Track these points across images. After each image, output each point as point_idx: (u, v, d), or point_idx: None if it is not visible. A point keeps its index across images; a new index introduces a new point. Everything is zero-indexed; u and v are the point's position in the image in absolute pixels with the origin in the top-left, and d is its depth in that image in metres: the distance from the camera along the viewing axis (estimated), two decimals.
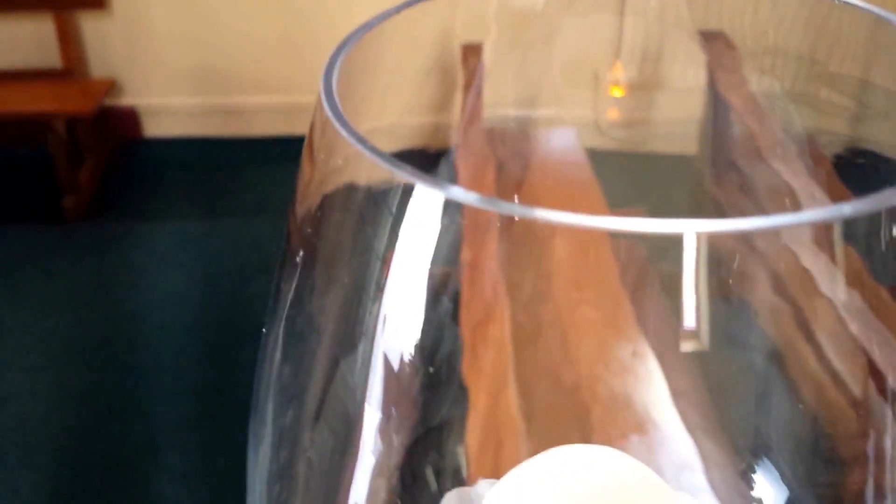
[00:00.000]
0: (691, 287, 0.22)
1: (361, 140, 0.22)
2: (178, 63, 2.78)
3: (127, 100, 2.81)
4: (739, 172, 0.35)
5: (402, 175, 0.21)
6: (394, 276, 0.25)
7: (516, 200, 0.37)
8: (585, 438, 0.36)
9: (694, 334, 0.25)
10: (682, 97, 0.38)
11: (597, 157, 0.37)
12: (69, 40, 2.71)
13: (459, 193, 0.21)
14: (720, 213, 0.35)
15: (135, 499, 1.64)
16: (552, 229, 0.24)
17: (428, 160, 0.37)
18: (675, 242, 0.21)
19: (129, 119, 2.82)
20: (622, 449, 0.32)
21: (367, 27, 0.28)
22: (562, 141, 0.39)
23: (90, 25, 2.76)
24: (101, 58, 2.78)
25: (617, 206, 0.37)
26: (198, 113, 2.79)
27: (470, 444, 0.37)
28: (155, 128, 2.85)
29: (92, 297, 2.18)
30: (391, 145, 0.34)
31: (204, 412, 1.78)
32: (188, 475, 1.68)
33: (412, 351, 0.27)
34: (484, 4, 0.35)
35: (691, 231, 0.20)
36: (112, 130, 2.77)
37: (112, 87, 2.73)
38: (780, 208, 0.32)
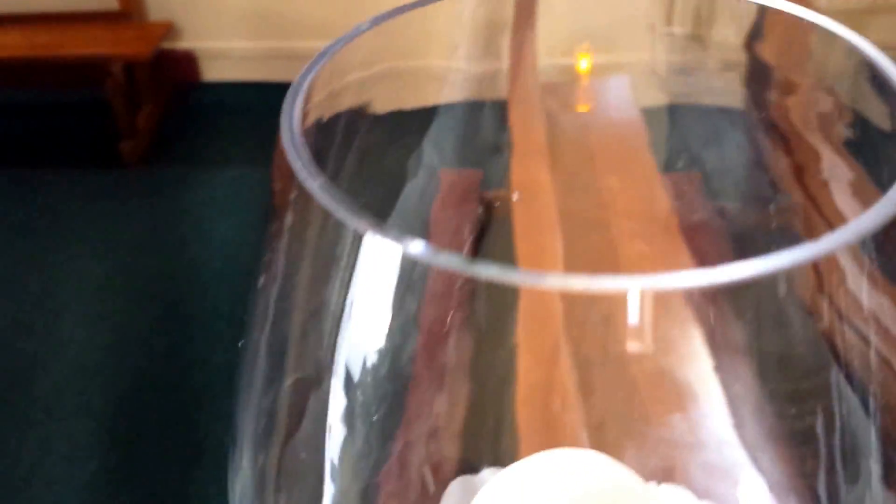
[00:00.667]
0: None
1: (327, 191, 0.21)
2: (235, 6, 2.77)
3: (184, 43, 2.81)
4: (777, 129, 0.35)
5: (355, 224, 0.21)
6: None
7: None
8: (631, 413, 0.36)
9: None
10: (732, 52, 0.37)
11: (649, 112, 0.38)
12: None
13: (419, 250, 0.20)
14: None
15: (193, 445, 1.66)
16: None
17: (479, 112, 0.37)
18: None
19: (186, 63, 2.82)
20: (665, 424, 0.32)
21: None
22: (614, 92, 0.39)
23: None
24: (158, 0, 2.79)
25: (667, 165, 0.38)
26: (256, 57, 2.79)
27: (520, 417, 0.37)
28: (212, 72, 2.85)
29: (148, 243, 2.19)
30: (445, 95, 0.35)
31: None
32: None
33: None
34: None
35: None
36: (169, 74, 2.78)
37: (169, 29, 2.74)
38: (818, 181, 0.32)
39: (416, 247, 0.20)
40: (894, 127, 0.28)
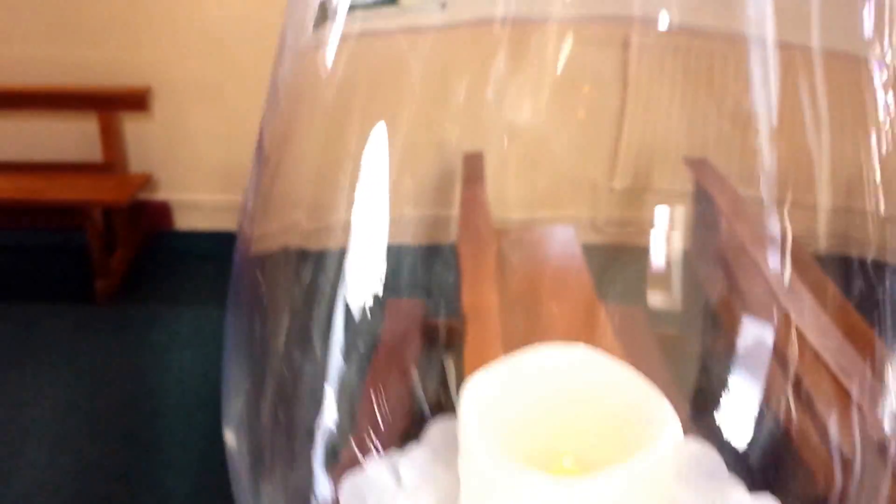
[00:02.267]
0: None
1: None
2: (209, 162, 2.81)
3: (160, 194, 2.84)
4: (728, 268, 0.36)
5: None
6: None
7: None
8: None
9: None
10: (672, 199, 0.38)
11: (592, 252, 0.38)
12: (111, 138, 2.75)
13: None
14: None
15: None
16: None
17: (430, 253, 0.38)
18: None
19: (161, 212, 2.84)
20: None
21: None
22: (560, 236, 0.40)
23: (131, 125, 2.80)
24: (139, 155, 2.82)
25: (609, 299, 0.38)
26: (224, 209, 2.82)
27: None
28: (184, 221, 2.87)
29: (113, 373, 2.17)
30: (395, 237, 0.35)
31: (213, 487, 1.76)
32: None
33: None
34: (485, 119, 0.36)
35: None
36: (145, 221, 2.79)
37: (148, 181, 2.77)
38: (764, 308, 0.33)
39: None
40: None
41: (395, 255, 0.34)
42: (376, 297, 0.33)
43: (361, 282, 0.32)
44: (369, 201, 0.32)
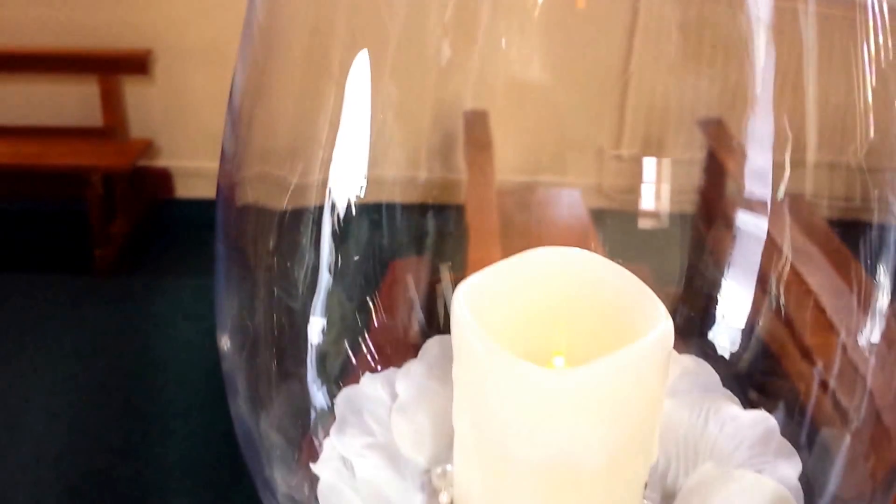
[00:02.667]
0: None
1: None
2: (211, 130, 2.78)
3: (161, 161, 2.81)
4: (733, 228, 0.35)
5: None
6: None
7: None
8: None
9: None
10: (682, 166, 0.38)
11: (599, 216, 0.39)
12: (111, 102, 2.72)
13: None
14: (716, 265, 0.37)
15: None
16: None
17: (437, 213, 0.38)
18: None
19: (162, 179, 2.81)
20: None
21: None
22: (566, 199, 0.40)
23: (132, 90, 2.77)
24: (140, 120, 2.79)
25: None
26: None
27: None
28: (185, 189, 2.84)
29: (114, 345, 2.15)
30: (403, 197, 0.36)
31: (213, 458, 1.74)
32: None
33: None
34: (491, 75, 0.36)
35: None
36: (145, 189, 2.76)
37: (149, 147, 2.73)
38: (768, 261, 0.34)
39: None
40: None
41: (402, 215, 0.36)
42: (359, 205, 0.33)
43: (345, 187, 0.32)
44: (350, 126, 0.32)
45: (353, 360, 0.35)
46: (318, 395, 0.34)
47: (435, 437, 0.33)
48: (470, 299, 0.28)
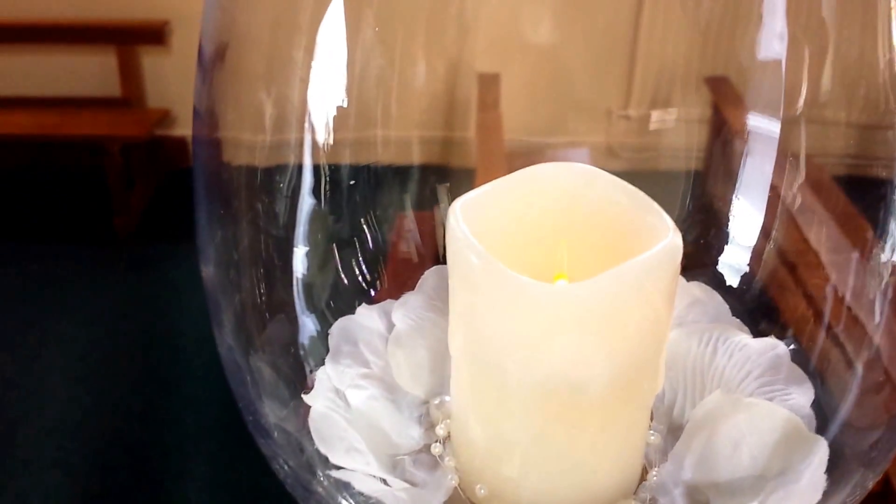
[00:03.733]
0: None
1: None
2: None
3: (178, 130, 2.80)
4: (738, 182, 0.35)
5: None
6: None
7: None
8: None
9: None
10: (689, 125, 0.37)
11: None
12: (129, 72, 2.71)
13: None
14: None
15: (160, 502, 1.60)
16: None
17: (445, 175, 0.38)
18: None
19: (179, 148, 2.80)
20: None
21: None
22: (575, 159, 0.38)
23: (149, 59, 2.76)
24: (157, 90, 2.78)
25: None
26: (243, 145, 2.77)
27: None
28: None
29: (133, 311, 2.16)
30: (412, 158, 0.36)
31: (231, 422, 1.74)
32: (212, 482, 1.64)
33: None
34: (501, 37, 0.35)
35: None
36: (163, 158, 2.76)
37: (166, 116, 2.72)
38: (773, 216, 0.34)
39: None
40: None
41: (411, 175, 0.35)
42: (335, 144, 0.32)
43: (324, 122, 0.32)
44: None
45: (348, 287, 0.34)
46: (308, 324, 0.32)
47: (433, 370, 0.32)
48: (467, 215, 0.26)
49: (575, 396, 0.25)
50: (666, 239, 0.25)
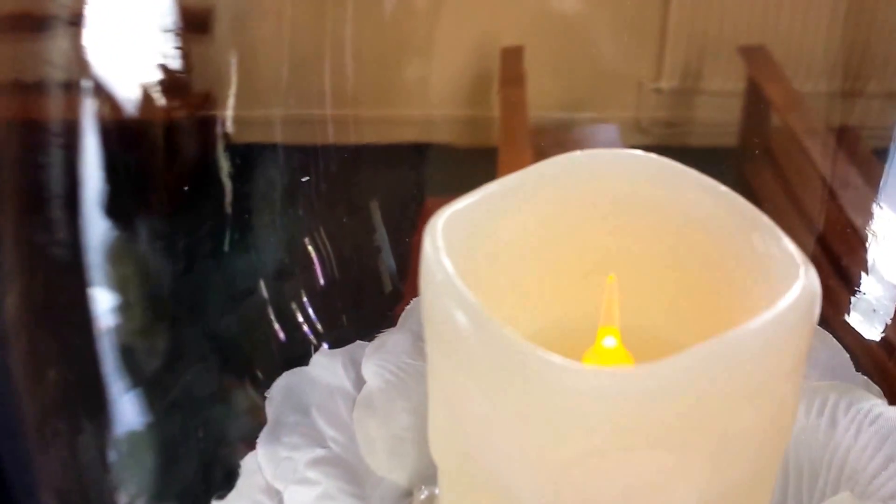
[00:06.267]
0: None
1: None
2: (265, 80, 2.78)
3: (219, 110, 2.81)
4: (775, 162, 0.32)
5: None
6: None
7: None
8: None
9: None
10: (722, 99, 0.35)
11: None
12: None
13: None
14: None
15: None
16: None
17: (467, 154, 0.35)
18: None
19: (220, 127, 2.82)
20: None
21: None
22: (603, 135, 0.36)
23: (193, 46, 2.77)
24: (199, 73, 2.79)
25: None
26: (286, 122, 2.79)
27: None
28: (243, 136, 2.84)
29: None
30: (435, 137, 0.33)
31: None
32: None
33: None
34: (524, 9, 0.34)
35: None
36: (204, 137, 2.77)
37: (207, 98, 2.74)
38: (812, 194, 0.30)
39: None
40: None
41: (435, 154, 0.33)
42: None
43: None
44: None
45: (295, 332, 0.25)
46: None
47: (420, 444, 0.21)
48: (455, 237, 0.16)
49: None
50: (798, 280, 0.14)
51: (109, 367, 0.21)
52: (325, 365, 0.23)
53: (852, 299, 0.26)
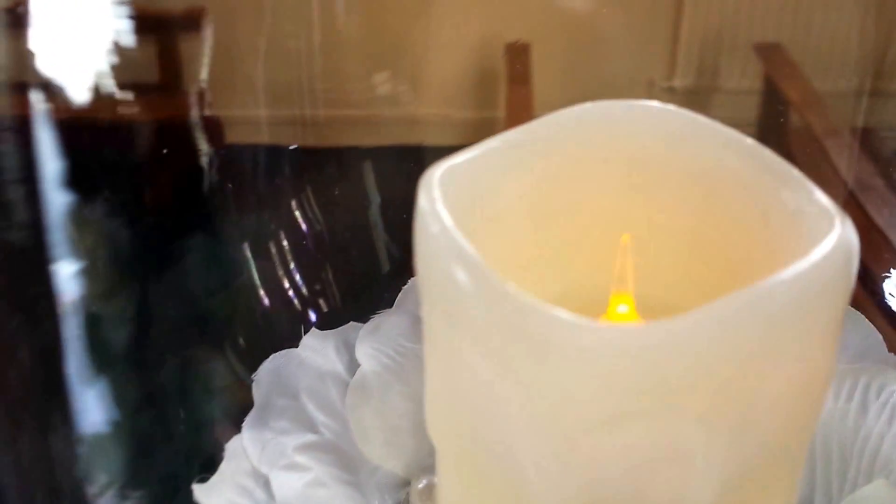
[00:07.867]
0: None
1: None
2: (260, 80, 2.78)
3: (212, 110, 2.81)
4: (793, 162, 0.30)
5: None
6: None
7: None
8: None
9: None
10: (739, 98, 0.34)
11: None
12: (167, 59, 2.72)
13: None
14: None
15: None
16: None
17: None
18: None
19: (213, 127, 2.81)
20: None
21: None
22: None
23: (185, 45, 2.77)
24: (192, 73, 2.79)
25: None
26: (276, 123, 2.79)
27: None
28: (235, 136, 2.84)
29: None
30: (441, 139, 0.31)
31: None
32: None
33: None
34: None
35: None
36: (196, 137, 2.76)
37: (201, 98, 2.73)
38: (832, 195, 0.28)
39: None
40: None
41: (438, 155, 0.29)
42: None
43: None
44: None
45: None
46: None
47: (418, 432, 0.19)
48: (453, 193, 0.14)
49: None
50: (832, 232, 0.13)
51: (85, 348, 0.20)
52: (316, 347, 0.22)
53: (884, 281, 0.25)
